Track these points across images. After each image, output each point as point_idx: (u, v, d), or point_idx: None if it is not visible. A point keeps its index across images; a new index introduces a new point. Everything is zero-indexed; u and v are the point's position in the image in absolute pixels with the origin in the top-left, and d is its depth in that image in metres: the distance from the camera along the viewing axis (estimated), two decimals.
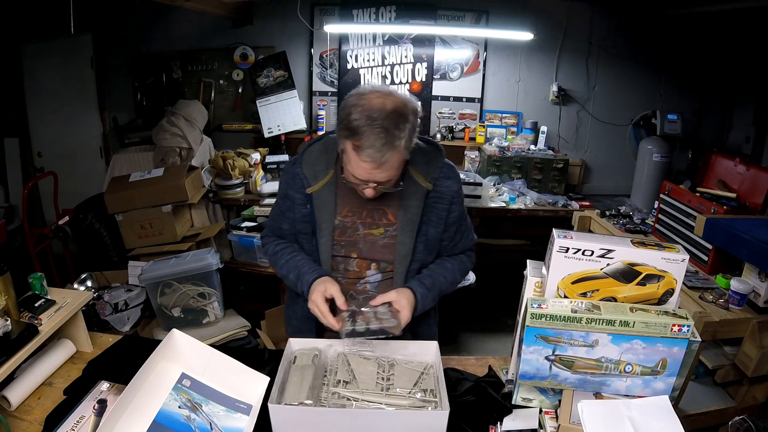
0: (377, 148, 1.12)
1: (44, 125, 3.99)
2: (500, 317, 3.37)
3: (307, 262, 1.36)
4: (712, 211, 2.24)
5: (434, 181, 1.33)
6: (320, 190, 1.32)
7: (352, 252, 1.37)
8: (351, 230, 1.35)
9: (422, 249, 1.37)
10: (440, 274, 1.39)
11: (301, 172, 1.34)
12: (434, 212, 1.35)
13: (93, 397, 1.19)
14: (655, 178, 3.59)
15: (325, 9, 3.83)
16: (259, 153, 3.39)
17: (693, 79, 3.98)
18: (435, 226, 1.36)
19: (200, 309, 2.21)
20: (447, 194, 1.35)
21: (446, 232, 1.40)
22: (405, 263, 1.35)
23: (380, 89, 1.19)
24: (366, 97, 1.17)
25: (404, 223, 1.33)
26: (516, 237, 3.71)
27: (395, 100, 1.17)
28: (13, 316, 1.28)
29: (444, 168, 1.36)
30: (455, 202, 1.38)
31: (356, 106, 1.16)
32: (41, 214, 4.06)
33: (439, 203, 1.35)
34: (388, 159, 1.14)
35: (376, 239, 1.36)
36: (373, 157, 1.13)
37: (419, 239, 1.35)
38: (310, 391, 1.12)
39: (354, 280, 1.39)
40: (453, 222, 1.40)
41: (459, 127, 4.05)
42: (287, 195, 1.39)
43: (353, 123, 1.14)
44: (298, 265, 1.36)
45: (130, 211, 2.74)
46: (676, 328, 1.05)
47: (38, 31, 3.71)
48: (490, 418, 1.20)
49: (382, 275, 1.39)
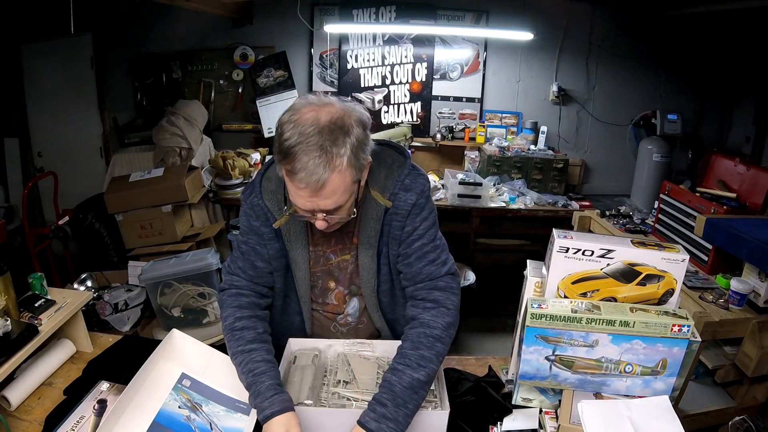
0: (310, 171, 0.94)
1: (44, 125, 3.99)
2: (500, 317, 3.37)
3: (268, 373, 1.08)
4: (712, 211, 2.24)
5: (393, 197, 1.14)
6: (288, 222, 1.16)
7: (329, 282, 1.27)
8: (323, 259, 1.24)
9: (387, 271, 1.23)
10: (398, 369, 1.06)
11: (262, 203, 1.17)
12: (391, 230, 1.17)
13: (93, 397, 1.19)
14: (655, 178, 3.59)
15: (325, 9, 3.83)
16: (259, 153, 3.40)
17: (693, 79, 3.98)
18: (393, 246, 1.19)
19: (200, 309, 2.22)
20: (403, 209, 1.15)
21: (402, 250, 1.18)
22: (371, 286, 1.24)
23: (316, 101, 1.01)
24: (299, 112, 0.99)
25: (364, 245, 1.19)
26: (516, 237, 3.71)
27: (332, 111, 0.98)
28: (13, 316, 1.28)
29: (407, 179, 1.15)
30: (412, 215, 1.15)
31: (288, 123, 0.98)
32: (41, 214, 4.06)
33: (396, 220, 1.16)
34: (328, 182, 0.96)
35: (348, 264, 1.25)
36: (307, 182, 0.95)
37: (381, 261, 1.21)
38: (310, 391, 1.12)
39: (333, 314, 1.31)
40: (407, 238, 1.17)
41: (459, 127, 4.05)
42: (252, 228, 1.20)
43: (284, 144, 0.96)
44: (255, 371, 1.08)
45: (130, 211, 2.74)
46: (676, 328, 1.05)
47: (38, 31, 3.71)
48: (490, 418, 1.20)
49: (359, 303, 1.29)
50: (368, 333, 1.35)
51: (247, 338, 1.15)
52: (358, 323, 1.33)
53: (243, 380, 1.09)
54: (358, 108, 1.04)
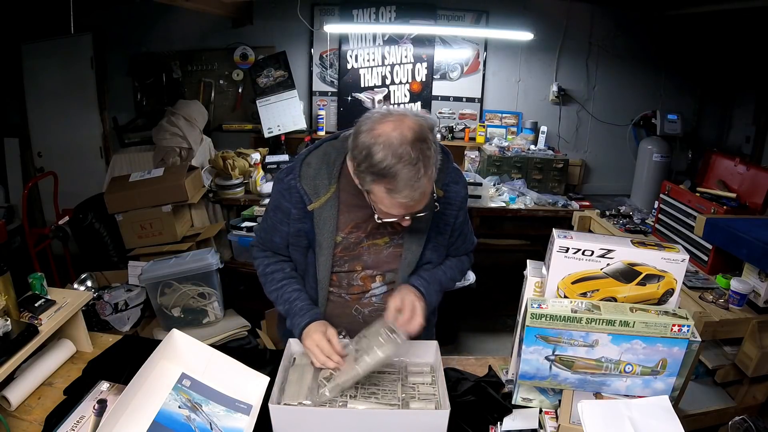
0: (413, 187, 1.04)
1: (44, 125, 3.99)
2: (500, 317, 3.37)
3: (299, 298, 1.30)
4: (712, 211, 2.24)
5: (444, 187, 1.28)
6: (321, 207, 1.24)
7: (356, 266, 1.32)
8: (354, 245, 1.30)
9: (429, 255, 1.34)
10: (439, 270, 1.38)
11: (299, 185, 1.25)
12: (443, 219, 1.31)
13: (93, 397, 1.19)
14: (655, 178, 3.59)
15: (325, 9, 3.83)
16: (259, 153, 3.39)
17: (693, 79, 3.98)
18: (443, 232, 1.34)
19: (200, 309, 2.21)
20: (456, 200, 1.32)
21: (450, 237, 1.37)
22: (409, 270, 1.32)
23: (391, 115, 1.07)
24: (380, 129, 1.05)
25: (413, 231, 1.27)
26: (516, 237, 3.71)
27: (411, 125, 1.05)
28: (13, 316, 1.28)
29: (452, 173, 1.31)
30: (462, 208, 1.35)
31: (375, 144, 1.04)
32: (41, 214, 4.06)
33: (448, 209, 1.31)
34: (425, 189, 1.07)
35: (381, 249, 1.31)
36: (411, 197, 1.06)
37: (427, 246, 1.32)
38: (310, 391, 1.12)
39: (358, 295, 1.35)
40: (458, 227, 1.37)
41: (459, 127, 4.05)
42: (280, 207, 1.30)
43: (379, 165, 1.03)
44: (289, 299, 1.31)
45: (130, 211, 2.74)
46: (676, 328, 1.05)
47: (38, 31, 3.71)
48: (490, 418, 1.20)
49: (387, 287, 1.35)
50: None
51: (277, 278, 1.36)
52: (381, 307, 1.35)
53: (281, 311, 1.33)
54: (427, 115, 1.14)
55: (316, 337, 1.19)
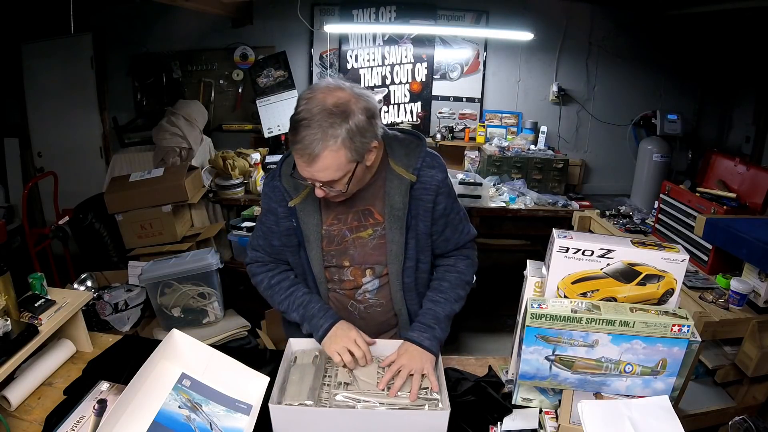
0: (305, 145, 1.07)
1: (44, 125, 3.99)
2: (500, 317, 3.37)
3: (312, 300, 1.32)
4: (712, 211, 2.24)
5: (417, 172, 1.26)
6: (303, 201, 1.28)
7: (344, 260, 1.33)
8: (339, 238, 1.31)
9: (414, 245, 1.32)
10: (438, 306, 1.33)
11: (280, 185, 1.29)
12: (421, 204, 1.28)
13: (93, 397, 1.19)
14: (655, 178, 3.59)
15: (325, 9, 3.83)
16: (259, 153, 3.40)
17: (693, 79, 3.98)
18: (423, 219, 1.30)
19: (200, 309, 2.21)
20: (432, 184, 1.28)
21: (434, 226, 1.33)
22: (398, 262, 1.31)
23: (332, 84, 1.12)
24: (314, 91, 1.11)
25: (391, 219, 1.27)
26: (516, 237, 3.71)
27: (340, 96, 1.09)
28: (13, 316, 1.28)
29: (427, 157, 1.29)
30: (441, 193, 1.29)
31: (303, 99, 1.11)
32: (41, 214, 4.06)
33: (425, 194, 1.28)
34: (319, 158, 1.07)
35: (366, 242, 1.31)
36: (302, 153, 1.08)
37: (410, 235, 1.30)
38: (310, 391, 1.12)
39: (351, 290, 1.36)
40: (440, 215, 1.32)
41: (459, 127, 4.05)
42: (270, 208, 1.34)
43: (294, 117, 1.10)
44: (302, 303, 1.32)
45: (130, 211, 2.74)
46: (676, 328, 1.05)
47: (38, 31, 3.71)
48: (490, 418, 1.20)
49: (379, 281, 1.35)
50: (387, 316, 1.39)
51: (284, 287, 1.36)
52: (377, 304, 1.36)
53: (296, 318, 1.32)
54: (369, 97, 1.14)
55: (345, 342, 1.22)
